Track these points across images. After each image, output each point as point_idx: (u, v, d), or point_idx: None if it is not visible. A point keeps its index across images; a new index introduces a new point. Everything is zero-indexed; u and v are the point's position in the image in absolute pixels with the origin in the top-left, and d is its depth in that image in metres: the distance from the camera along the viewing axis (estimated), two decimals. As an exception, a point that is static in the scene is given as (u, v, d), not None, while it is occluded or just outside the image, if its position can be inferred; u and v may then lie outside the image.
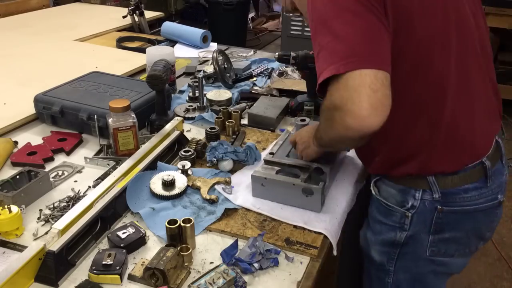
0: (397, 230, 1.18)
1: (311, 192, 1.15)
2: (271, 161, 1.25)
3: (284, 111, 1.68)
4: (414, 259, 1.21)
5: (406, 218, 1.15)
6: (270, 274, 1.00)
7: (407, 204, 1.14)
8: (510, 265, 2.58)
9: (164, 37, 2.61)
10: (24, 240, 1.08)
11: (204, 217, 1.15)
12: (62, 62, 2.14)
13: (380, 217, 1.22)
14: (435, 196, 1.11)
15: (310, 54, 1.61)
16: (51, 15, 3.01)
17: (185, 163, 1.30)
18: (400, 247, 1.20)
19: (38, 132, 1.57)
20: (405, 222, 1.16)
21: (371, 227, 1.28)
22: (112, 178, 1.20)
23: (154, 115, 1.56)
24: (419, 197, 1.13)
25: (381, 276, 1.28)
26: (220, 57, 1.86)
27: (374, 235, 1.26)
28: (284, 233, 1.11)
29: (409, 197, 1.14)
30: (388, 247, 1.23)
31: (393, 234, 1.19)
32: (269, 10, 7.35)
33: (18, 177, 1.23)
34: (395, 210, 1.17)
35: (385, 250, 1.24)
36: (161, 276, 0.93)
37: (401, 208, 1.16)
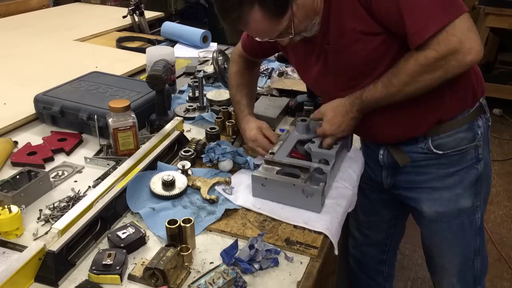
0: (475, 165, 1.31)
1: (311, 192, 1.15)
2: (272, 161, 1.25)
3: (284, 111, 1.68)
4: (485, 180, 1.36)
5: (479, 148, 1.30)
6: (270, 274, 1.00)
7: (477, 136, 1.29)
8: (510, 265, 2.58)
9: (164, 37, 2.61)
10: (24, 240, 1.08)
11: (204, 217, 1.15)
12: (62, 62, 2.15)
13: (453, 168, 1.31)
14: (487, 115, 1.32)
15: (310, 54, 1.61)
16: (51, 15, 3.02)
17: (185, 163, 1.30)
18: (480, 177, 1.33)
19: (38, 132, 1.57)
20: (479, 152, 1.30)
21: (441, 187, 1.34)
22: (112, 178, 1.20)
23: (154, 115, 1.56)
24: (482, 123, 1.30)
25: (472, 218, 1.38)
26: (220, 57, 1.86)
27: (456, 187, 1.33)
28: (284, 233, 1.11)
29: (476, 128, 1.28)
30: (474, 186, 1.33)
31: (475, 171, 1.32)
32: (269, 10, 7.34)
33: (18, 177, 1.23)
34: (468, 148, 1.29)
35: (472, 191, 1.34)
36: (161, 276, 0.93)
37: (473, 143, 1.29)
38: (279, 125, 1.63)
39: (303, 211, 1.17)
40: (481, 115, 1.30)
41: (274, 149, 1.30)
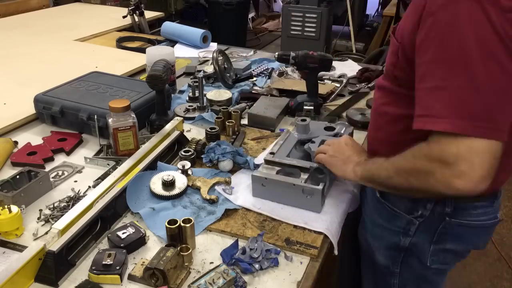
0: (400, 235, 1.17)
1: (311, 192, 1.15)
2: (272, 161, 1.25)
3: (284, 111, 1.68)
4: (418, 264, 1.20)
5: (412, 225, 1.14)
6: (270, 274, 1.00)
7: (416, 213, 1.13)
8: (510, 265, 2.58)
9: (164, 37, 2.61)
10: (24, 240, 1.08)
11: (204, 217, 1.15)
12: (62, 62, 2.14)
13: (382, 221, 1.21)
14: (447, 209, 1.09)
15: (309, 54, 1.61)
16: (51, 15, 3.02)
17: (185, 163, 1.30)
18: (405, 251, 1.20)
19: (38, 132, 1.57)
20: (411, 229, 1.15)
21: (370, 231, 1.27)
22: (112, 178, 1.20)
23: (154, 115, 1.56)
24: (430, 207, 1.11)
25: (387, 278, 1.28)
26: (220, 57, 1.86)
27: (377, 240, 1.25)
28: (284, 233, 1.11)
29: (420, 207, 1.12)
30: (393, 251, 1.22)
31: (397, 239, 1.18)
32: (269, 10, 7.35)
33: (18, 177, 1.23)
34: (401, 216, 1.15)
35: (390, 254, 1.23)
36: (161, 276, 0.93)
37: (408, 215, 1.14)
38: (279, 125, 1.63)
39: (303, 211, 1.17)
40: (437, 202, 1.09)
41: (274, 149, 1.30)
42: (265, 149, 1.45)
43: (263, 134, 1.57)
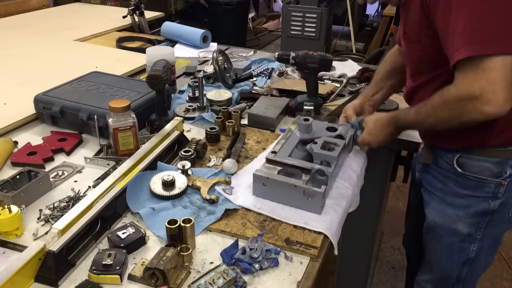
0: (489, 200, 1.27)
1: (312, 194, 1.14)
2: (273, 160, 1.25)
3: (284, 111, 1.68)
4: (499, 223, 1.31)
5: (502, 187, 1.25)
6: (270, 274, 1.00)
7: (504, 174, 1.23)
8: (510, 265, 2.58)
9: (164, 37, 2.61)
10: (24, 240, 1.08)
11: (204, 217, 1.15)
12: (62, 62, 2.14)
13: (467, 191, 1.29)
14: None
15: (309, 54, 1.61)
16: (51, 15, 3.02)
17: (185, 163, 1.30)
18: (490, 214, 1.29)
19: (38, 132, 1.57)
20: (500, 191, 1.25)
21: (450, 203, 1.33)
22: (112, 178, 1.20)
23: (154, 115, 1.56)
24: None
25: (466, 246, 1.36)
26: (220, 57, 1.86)
27: (460, 210, 1.32)
28: (284, 233, 1.11)
29: (507, 167, 1.23)
30: (479, 218, 1.30)
31: (486, 205, 1.27)
32: (269, 10, 7.35)
33: (18, 177, 1.23)
34: (489, 182, 1.25)
35: (475, 221, 1.31)
36: (161, 276, 0.93)
37: (496, 178, 1.24)
38: (279, 125, 1.63)
39: (303, 211, 1.17)
40: None
41: (276, 148, 1.30)
42: (265, 149, 1.45)
43: (262, 134, 1.57)
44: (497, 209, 1.28)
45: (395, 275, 2.55)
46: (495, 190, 1.26)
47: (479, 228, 1.32)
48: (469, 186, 1.29)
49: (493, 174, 1.24)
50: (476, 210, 1.30)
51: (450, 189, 1.33)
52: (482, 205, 1.28)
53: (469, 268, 1.40)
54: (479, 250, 1.36)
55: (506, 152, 1.23)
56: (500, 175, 1.24)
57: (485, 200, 1.27)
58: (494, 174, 1.24)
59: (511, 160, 1.23)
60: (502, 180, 1.24)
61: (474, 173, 1.26)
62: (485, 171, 1.25)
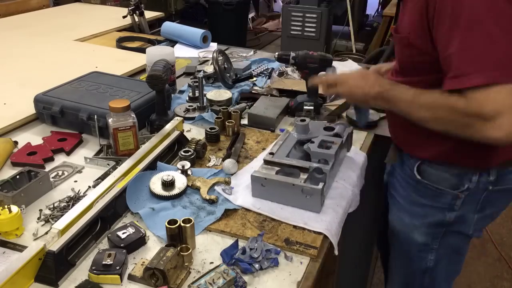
0: (446, 211, 1.22)
1: (311, 192, 1.15)
2: (271, 161, 1.25)
3: (284, 111, 1.68)
4: (457, 235, 1.27)
5: (458, 199, 1.20)
6: (270, 274, 1.00)
7: (462, 187, 1.18)
8: (510, 265, 2.58)
9: (164, 37, 2.61)
10: (24, 240, 1.08)
11: (203, 217, 1.15)
12: (62, 62, 2.14)
13: (425, 200, 1.25)
14: (491, 178, 1.17)
15: (309, 54, 1.61)
16: (51, 15, 3.02)
17: (185, 163, 1.30)
18: (447, 226, 1.25)
19: (38, 132, 1.57)
20: (456, 203, 1.20)
21: (408, 210, 1.29)
22: (112, 178, 1.20)
23: (154, 115, 1.56)
24: (476, 179, 1.17)
25: (422, 255, 1.32)
26: (220, 57, 1.86)
27: (417, 219, 1.28)
28: (284, 233, 1.11)
29: (466, 181, 1.17)
30: (434, 228, 1.27)
31: (441, 216, 1.23)
32: (269, 10, 7.35)
33: (18, 177, 1.23)
34: (445, 193, 1.21)
35: (430, 231, 1.28)
36: (161, 276, 0.93)
37: (453, 190, 1.19)
38: (279, 125, 1.63)
39: (302, 211, 1.17)
40: (481, 173, 1.18)
41: (274, 149, 1.30)
42: (265, 149, 1.45)
43: (262, 134, 1.57)
44: (453, 221, 1.24)
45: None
46: (452, 202, 1.21)
47: (435, 238, 1.29)
48: (426, 195, 1.25)
49: (450, 185, 1.20)
50: (431, 221, 1.26)
51: (410, 196, 1.29)
52: (437, 216, 1.25)
53: (430, 276, 1.36)
54: (438, 259, 1.32)
55: (466, 165, 1.18)
56: (457, 187, 1.19)
57: (441, 211, 1.24)
58: (451, 186, 1.20)
59: (470, 174, 1.18)
60: (459, 192, 1.19)
61: (433, 182, 1.22)
62: (443, 181, 1.21)
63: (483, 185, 1.18)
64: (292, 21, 4.45)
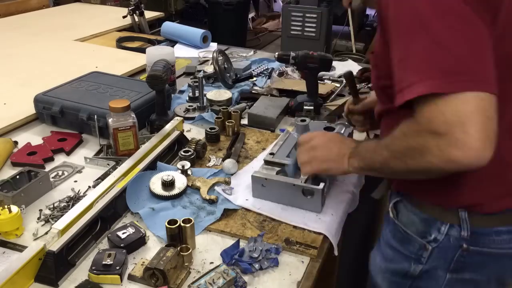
0: (411, 261, 1.07)
1: (311, 193, 1.15)
2: (271, 161, 1.25)
3: (284, 111, 1.68)
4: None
5: (425, 251, 1.04)
6: (270, 274, 1.00)
7: (429, 236, 1.02)
8: (510, 265, 2.57)
9: (164, 37, 2.61)
10: (24, 240, 1.08)
11: (203, 217, 1.15)
12: (62, 62, 2.14)
13: (395, 243, 1.11)
14: (463, 234, 0.98)
15: (309, 54, 1.61)
16: (51, 15, 3.02)
17: (185, 163, 1.30)
18: (413, 280, 1.09)
19: (38, 132, 1.57)
20: (423, 255, 1.04)
21: (382, 251, 1.16)
22: (112, 178, 1.20)
23: (154, 115, 1.56)
24: (444, 231, 1.00)
25: None
26: (220, 57, 1.86)
27: (385, 262, 1.15)
28: (284, 233, 1.11)
29: (433, 229, 1.01)
30: (399, 278, 1.11)
31: (407, 265, 1.08)
32: (269, 10, 7.35)
33: (18, 177, 1.23)
34: (413, 240, 1.05)
35: (395, 280, 1.13)
36: (161, 276, 0.93)
37: (421, 239, 1.04)
38: (279, 125, 1.63)
39: (303, 211, 1.17)
40: (452, 225, 0.99)
41: (274, 149, 1.30)
42: (265, 149, 1.45)
43: (262, 134, 1.57)
44: (419, 275, 1.06)
45: None
46: (418, 252, 1.05)
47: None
48: (397, 237, 1.10)
49: (417, 231, 1.04)
50: (396, 268, 1.10)
51: (386, 235, 1.15)
52: (403, 265, 1.08)
53: None
54: None
55: (433, 209, 1.01)
56: (424, 236, 1.03)
57: (407, 259, 1.07)
58: (418, 232, 1.04)
59: (438, 222, 1.00)
60: (426, 242, 1.02)
61: (403, 225, 1.07)
62: (411, 225, 1.05)
63: (455, 241, 1.00)
64: (292, 21, 4.45)
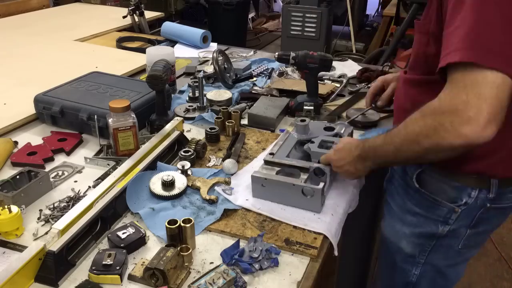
0: (439, 224, 1.19)
1: (311, 192, 1.15)
2: (271, 161, 1.25)
3: (284, 111, 1.68)
4: (446, 251, 1.22)
5: (454, 213, 1.16)
6: (270, 274, 1.00)
7: (460, 201, 1.14)
8: (510, 265, 2.58)
9: (164, 37, 2.61)
10: (24, 240, 1.08)
11: (203, 217, 1.15)
12: (62, 62, 2.14)
13: (419, 209, 1.21)
14: (490, 195, 1.12)
15: (310, 54, 1.61)
16: (51, 15, 3.02)
17: (185, 163, 1.30)
18: (437, 239, 1.21)
19: (38, 132, 1.57)
20: (451, 217, 1.16)
21: (401, 218, 1.26)
22: (112, 178, 1.20)
23: (154, 115, 1.56)
24: (474, 195, 1.13)
25: (407, 267, 1.29)
26: (220, 57, 1.86)
27: (408, 227, 1.25)
28: (284, 233, 1.11)
29: (464, 195, 1.13)
30: (424, 240, 1.23)
31: (434, 228, 1.19)
32: (269, 10, 7.36)
33: (18, 177, 1.23)
34: (442, 205, 1.17)
35: (420, 242, 1.24)
36: (161, 276, 0.93)
37: (451, 203, 1.15)
38: (279, 125, 1.63)
39: (303, 211, 1.17)
40: (481, 189, 1.13)
41: (274, 149, 1.30)
42: (265, 149, 1.45)
43: (262, 134, 1.57)
44: (445, 235, 1.20)
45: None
46: (447, 215, 1.17)
47: (423, 251, 1.25)
48: (422, 205, 1.21)
49: (448, 198, 1.15)
50: (422, 231, 1.22)
51: (405, 204, 1.25)
52: (430, 227, 1.20)
53: None
54: (421, 276, 1.28)
55: (467, 179, 1.13)
56: (455, 201, 1.15)
57: (434, 223, 1.20)
58: (449, 198, 1.15)
59: (470, 188, 1.13)
60: (456, 206, 1.15)
61: (431, 193, 1.18)
62: (441, 193, 1.16)
63: (482, 202, 1.14)
64: (292, 21, 4.45)
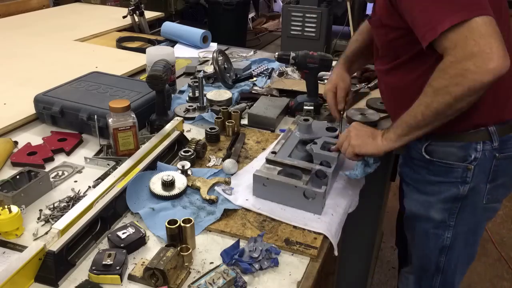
0: (459, 185, 1.26)
1: (313, 195, 1.15)
2: (273, 160, 1.25)
3: (284, 111, 1.68)
4: (473, 210, 1.30)
5: (469, 171, 1.24)
6: (270, 274, 1.00)
7: (469, 158, 1.23)
8: (510, 265, 2.58)
9: (164, 37, 2.61)
10: (24, 240, 1.08)
11: (203, 217, 1.15)
12: (62, 62, 2.14)
13: (437, 177, 1.29)
14: (495, 144, 1.22)
15: (309, 54, 1.61)
16: (51, 15, 3.02)
17: (185, 163, 1.30)
18: (462, 200, 1.29)
19: (38, 132, 1.57)
20: (467, 175, 1.25)
21: (423, 191, 1.34)
22: (112, 178, 1.20)
23: (154, 115, 1.56)
24: (480, 148, 1.22)
25: (440, 233, 1.36)
26: (220, 57, 1.86)
27: (432, 196, 1.32)
28: (284, 233, 1.11)
29: (471, 151, 1.22)
30: (450, 203, 1.30)
31: (456, 190, 1.27)
32: (269, 10, 7.35)
33: (18, 177, 1.23)
34: (456, 166, 1.25)
35: (447, 207, 1.31)
36: (161, 276, 0.93)
37: (463, 163, 1.24)
38: (279, 125, 1.63)
39: (303, 211, 1.17)
40: (485, 141, 1.23)
41: (276, 148, 1.30)
42: (265, 149, 1.45)
43: (262, 134, 1.57)
44: (467, 194, 1.28)
45: (395, 275, 2.55)
46: (463, 175, 1.26)
47: (451, 214, 1.32)
48: (438, 172, 1.29)
49: (458, 158, 1.25)
50: (446, 196, 1.30)
51: (423, 178, 1.34)
52: (452, 191, 1.29)
53: (446, 256, 1.39)
54: (454, 237, 1.36)
55: (469, 135, 1.23)
56: (465, 159, 1.24)
57: (454, 185, 1.28)
58: (459, 158, 1.25)
59: (474, 144, 1.23)
60: (468, 164, 1.24)
61: (442, 159, 1.27)
62: (451, 156, 1.26)
63: (490, 153, 1.23)
64: (292, 21, 4.45)
